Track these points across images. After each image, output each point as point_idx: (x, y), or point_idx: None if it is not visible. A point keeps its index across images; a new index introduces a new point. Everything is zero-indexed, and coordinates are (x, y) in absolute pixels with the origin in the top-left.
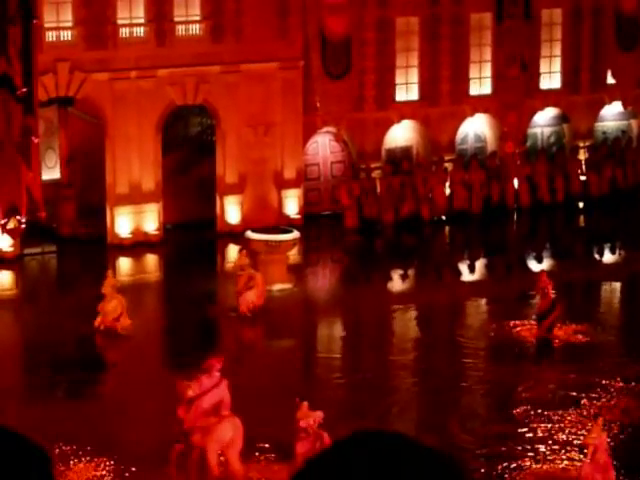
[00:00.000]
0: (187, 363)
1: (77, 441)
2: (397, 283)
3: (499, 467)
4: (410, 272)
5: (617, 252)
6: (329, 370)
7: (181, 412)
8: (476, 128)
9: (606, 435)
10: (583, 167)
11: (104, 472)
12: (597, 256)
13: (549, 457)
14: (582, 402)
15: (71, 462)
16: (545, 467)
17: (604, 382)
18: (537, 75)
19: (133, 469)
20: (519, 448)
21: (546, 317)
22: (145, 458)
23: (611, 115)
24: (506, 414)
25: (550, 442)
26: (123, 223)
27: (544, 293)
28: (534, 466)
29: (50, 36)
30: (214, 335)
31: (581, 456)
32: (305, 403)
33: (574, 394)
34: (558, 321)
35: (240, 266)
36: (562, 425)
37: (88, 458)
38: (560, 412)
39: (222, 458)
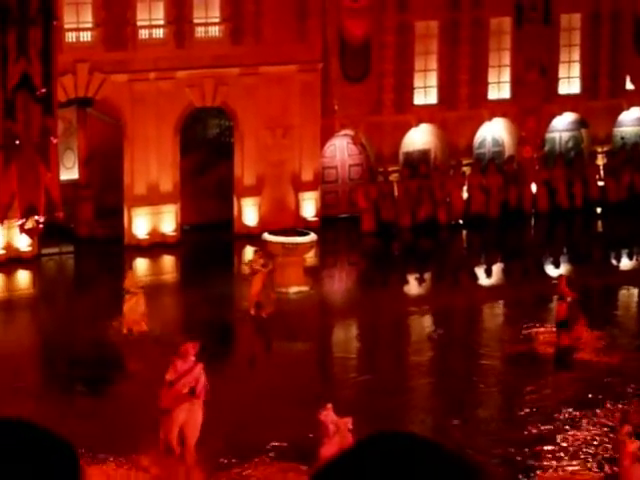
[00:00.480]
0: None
1: (94, 440)
2: (414, 287)
3: (513, 471)
4: (427, 276)
5: (635, 258)
6: (345, 371)
7: (161, 394)
8: (494, 132)
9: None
10: (601, 172)
11: (122, 471)
12: (615, 262)
13: (560, 461)
14: (597, 409)
15: (88, 461)
16: (559, 473)
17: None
18: (556, 80)
19: (150, 468)
20: (527, 450)
21: (568, 327)
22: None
23: (630, 120)
24: (518, 418)
25: (560, 446)
26: (141, 224)
27: (562, 298)
28: (549, 471)
29: (70, 37)
30: (230, 337)
31: (591, 462)
32: (329, 405)
33: (590, 399)
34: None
35: (255, 268)
36: (576, 431)
37: (105, 457)
38: (573, 417)
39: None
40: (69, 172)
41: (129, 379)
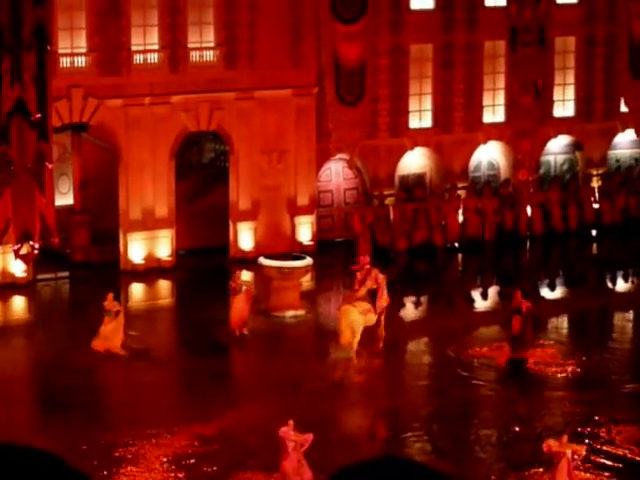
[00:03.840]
0: (198, 389)
1: (90, 464)
2: (409, 310)
3: None
4: (423, 299)
5: (630, 280)
6: (344, 395)
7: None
8: (489, 155)
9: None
10: (596, 195)
11: None
12: (610, 284)
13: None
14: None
15: None
16: None
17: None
18: (550, 103)
19: None
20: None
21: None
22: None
23: (624, 143)
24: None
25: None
26: (136, 249)
27: (518, 312)
28: None
29: (64, 62)
30: (226, 362)
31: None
32: (291, 422)
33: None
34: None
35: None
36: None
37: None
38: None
39: None
40: (64, 197)
41: (124, 403)
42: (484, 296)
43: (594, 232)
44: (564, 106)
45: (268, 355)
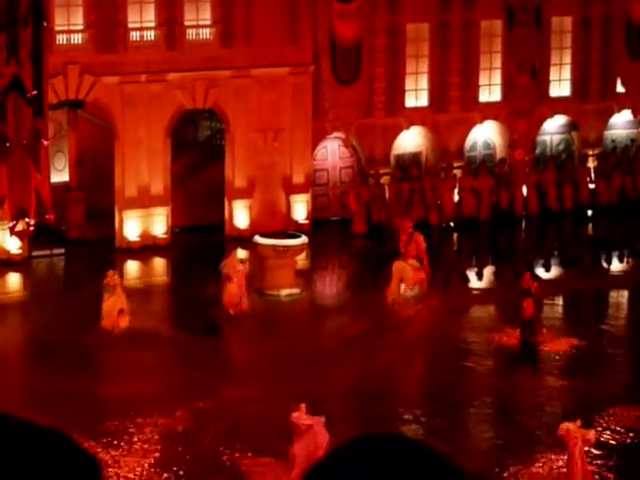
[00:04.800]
0: (192, 367)
1: (85, 440)
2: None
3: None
4: None
5: (625, 260)
6: (334, 374)
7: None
8: (485, 135)
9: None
10: (592, 175)
11: (117, 469)
12: (605, 264)
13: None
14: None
15: None
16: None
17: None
18: (547, 83)
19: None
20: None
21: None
22: (150, 453)
23: (620, 123)
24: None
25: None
26: (131, 226)
27: (529, 295)
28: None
29: (61, 39)
30: (220, 340)
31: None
32: (302, 405)
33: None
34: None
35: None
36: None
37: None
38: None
39: None
40: (60, 174)
41: (118, 380)
42: (479, 276)
43: (590, 212)
44: (560, 86)
45: (262, 333)
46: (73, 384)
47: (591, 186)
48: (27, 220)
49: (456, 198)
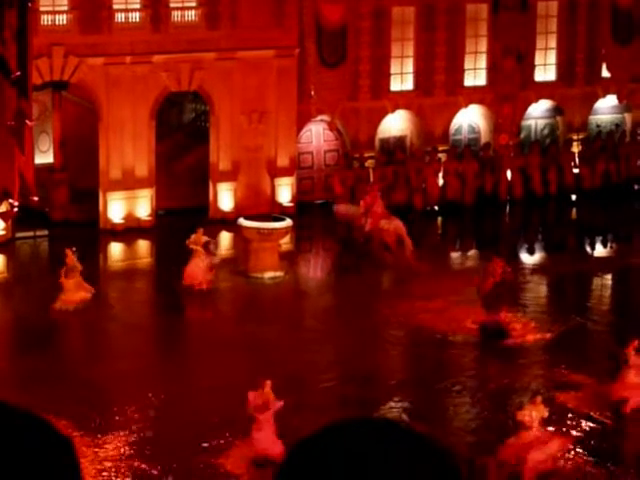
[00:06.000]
0: (174, 350)
1: (71, 420)
2: (388, 272)
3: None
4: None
5: (609, 245)
6: (315, 357)
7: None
8: (470, 119)
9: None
10: (576, 160)
11: (103, 451)
12: (589, 249)
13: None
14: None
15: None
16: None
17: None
18: (532, 67)
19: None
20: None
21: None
22: (139, 435)
23: (605, 108)
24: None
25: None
26: (115, 208)
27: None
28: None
29: (45, 20)
30: (200, 321)
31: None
32: (268, 382)
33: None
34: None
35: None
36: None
37: (83, 437)
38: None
39: None
40: (44, 156)
41: (102, 361)
42: (463, 259)
43: (574, 197)
44: (545, 71)
45: (244, 315)
46: (54, 365)
47: (575, 171)
48: (11, 201)
49: (440, 182)
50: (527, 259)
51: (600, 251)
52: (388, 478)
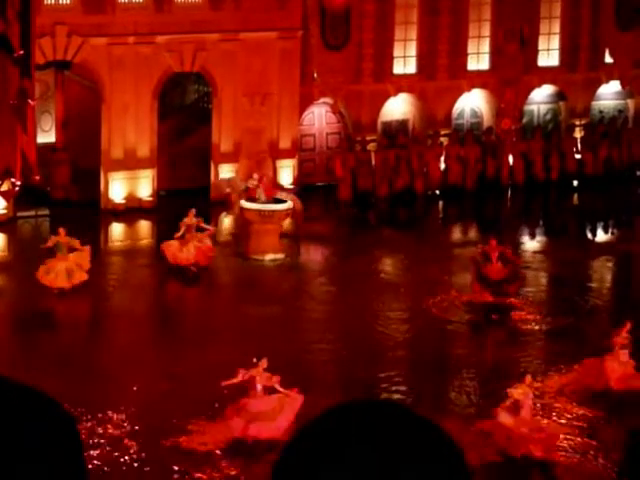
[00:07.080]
0: (173, 331)
1: (69, 401)
2: (389, 255)
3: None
4: (402, 245)
5: (610, 231)
6: (316, 337)
7: None
8: (473, 103)
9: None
10: (578, 145)
11: (99, 430)
12: (590, 235)
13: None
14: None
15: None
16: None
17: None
18: (535, 52)
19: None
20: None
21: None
22: (137, 416)
23: (608, 94)
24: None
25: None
26: (117, 188)
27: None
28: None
29: None
30: (200, 303)
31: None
32: (264, 360)
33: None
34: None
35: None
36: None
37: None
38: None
39: None
40: (46, 135)
41: (104, 340)
42: (464, 244)
43: (575, 182)
44: (549, 55)
45: (244, 297)
46: (54, 346)
47: (577, 156)
48: (13, 180)
49: (442, 166)
50: (528, 244)
51: (601, 237)
52: (396, 461)
